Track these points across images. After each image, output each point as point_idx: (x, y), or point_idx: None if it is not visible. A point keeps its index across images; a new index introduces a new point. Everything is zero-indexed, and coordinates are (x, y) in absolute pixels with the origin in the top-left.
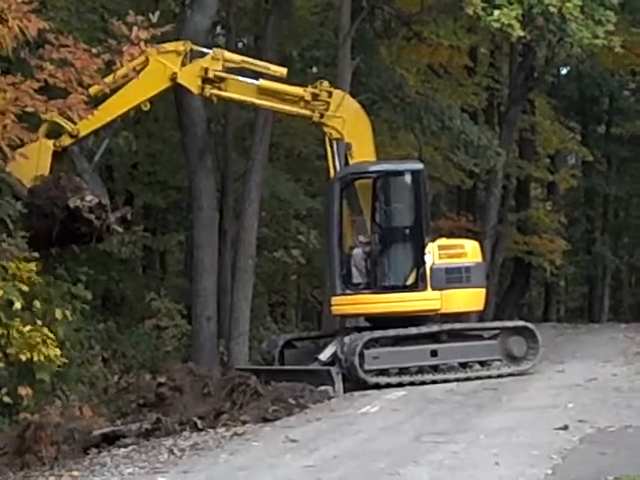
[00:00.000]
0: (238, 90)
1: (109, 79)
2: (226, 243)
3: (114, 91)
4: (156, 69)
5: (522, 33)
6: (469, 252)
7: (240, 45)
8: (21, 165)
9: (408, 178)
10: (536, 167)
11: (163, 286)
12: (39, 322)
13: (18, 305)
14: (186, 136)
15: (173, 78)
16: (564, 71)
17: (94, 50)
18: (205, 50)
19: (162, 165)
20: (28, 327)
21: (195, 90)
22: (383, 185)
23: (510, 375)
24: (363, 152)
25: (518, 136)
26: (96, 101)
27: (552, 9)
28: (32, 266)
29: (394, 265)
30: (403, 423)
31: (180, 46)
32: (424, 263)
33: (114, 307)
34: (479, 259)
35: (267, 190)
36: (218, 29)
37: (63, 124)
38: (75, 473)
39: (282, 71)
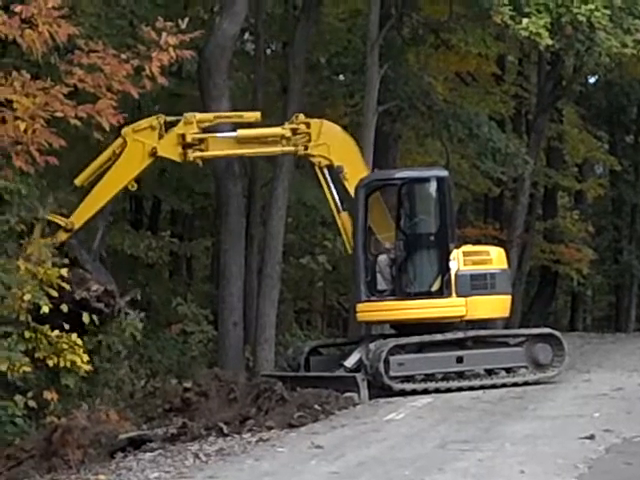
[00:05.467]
0: (219, 146)
1: (94, 165)
2: (253, 249)
3: (99, 177)
4: (135, 148)
5: (550, 42)
6: (494, 259)
7: (268, 52)
8: None
9: (433, 185)
10: (564, 176)
11: (190, 291)
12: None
13: (46, 309)
14: None
15: (153, 153)
16: (592, 80)
17: (123, 56)
18: (177, 118)
19: (189, 171)
20: (56, 332)
21: (178, 158)
22: (408, 192)
23: (536, 382)
24: (356, 171)
25: (546, 144)
26: (82, 191)
27: (581, 18)
28: (61, 271)
29: (419, 272)
30: (428, 430)
31: (154, 120)
32: (449, 270)
33: (141, 312)
34: (504, 266)
35: (294, 196)
36: (246, 35)
37: (56, 220)
38: (101, 477)
39: (256, 116)
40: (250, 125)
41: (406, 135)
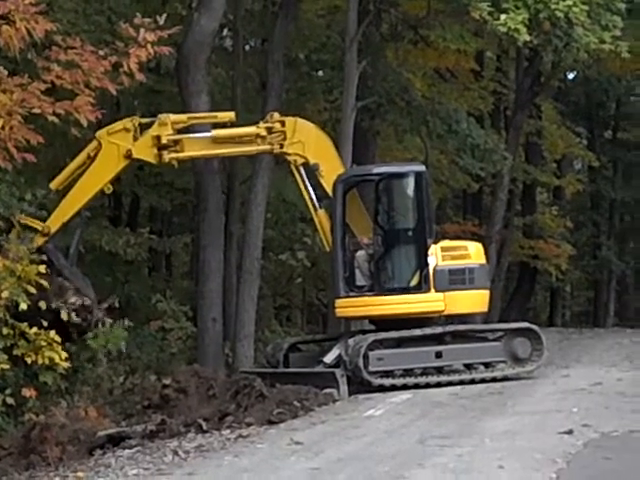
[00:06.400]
0: (194, 147)
1: (70, 169)
2: (232, 245)
3: (75, 180)
4: (110, 151)
5: (528, 38)
6: (472, 253)
7: (247, 48)
8: None
9: (411, 180)
10: (542, 172)
11: (169, 288)
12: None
13: (24, 306)
14: None
15: (128, 155)
16: (571, 76)
17: (101, 52)
18: (151, 119)
19: (168, 167)
20: (34, 329)
21: (153, 160)
22: (386, 187)
23: (515, 377)
24: (332, 168)
25: (524, 140)
26: (58, 195)
27: (559, 14)
28: (39, 268)
29: (397, 267)
30: (408, 426)
31: (128, 123)
32: (427, 265)
33: (119, 309)
34: (482, 260)
35: (273, 192)
36: (225, 32)
37: (32, 225)
38: (80, 474)
39: (230, 116)
40: (225, 125)
41: (385, 131)
